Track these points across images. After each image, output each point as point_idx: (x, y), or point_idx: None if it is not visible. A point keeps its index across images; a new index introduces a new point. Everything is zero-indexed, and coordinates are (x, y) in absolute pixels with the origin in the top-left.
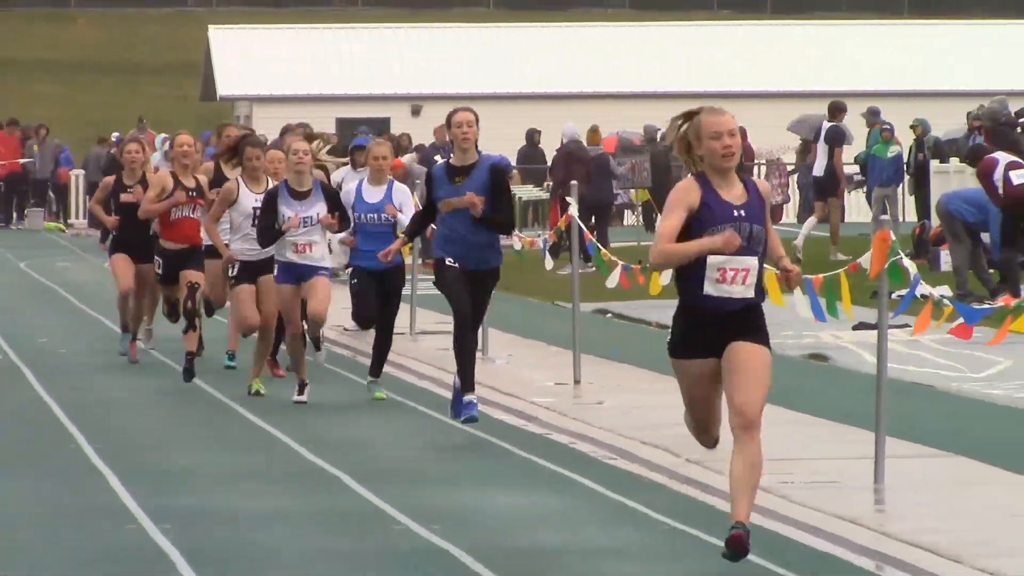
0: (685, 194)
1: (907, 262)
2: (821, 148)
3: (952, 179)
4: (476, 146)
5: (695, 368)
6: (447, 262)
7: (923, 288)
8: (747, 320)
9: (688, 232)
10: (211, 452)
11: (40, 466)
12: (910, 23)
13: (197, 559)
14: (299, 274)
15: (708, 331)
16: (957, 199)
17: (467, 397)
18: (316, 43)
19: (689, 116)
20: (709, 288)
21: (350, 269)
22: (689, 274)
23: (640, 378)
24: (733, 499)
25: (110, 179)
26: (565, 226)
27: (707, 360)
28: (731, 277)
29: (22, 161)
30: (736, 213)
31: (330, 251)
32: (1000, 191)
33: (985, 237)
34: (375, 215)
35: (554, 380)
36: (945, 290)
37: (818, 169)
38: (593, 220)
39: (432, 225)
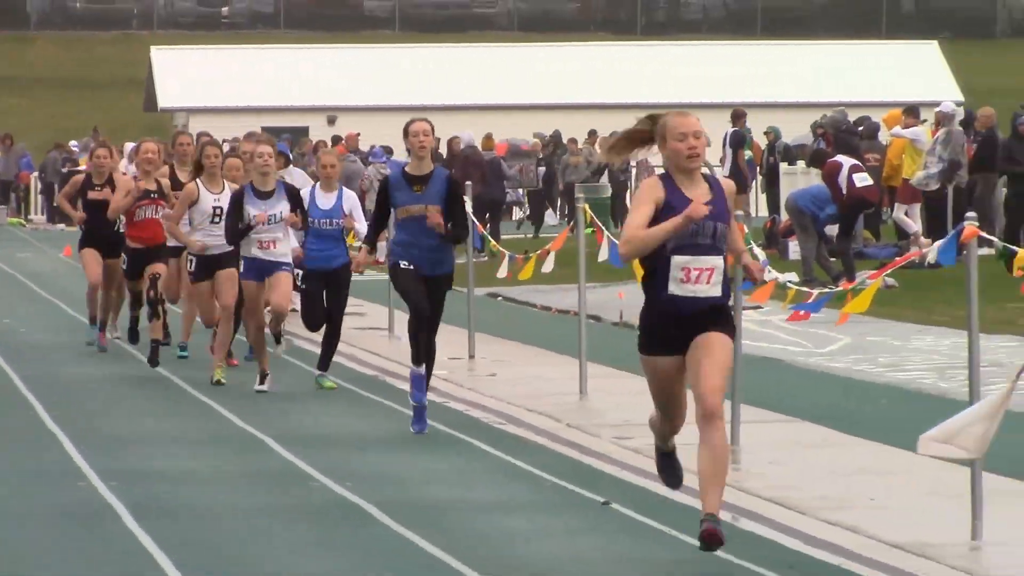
0: (651, 191)
1: (759, 251)
2: (727, 151)
3: (799, 179)
4: (431, 155)
5: (662, 364)
6: (402, 265)
7: (772, 273)
8: (713, 318)
9: None
10: (157, 419)
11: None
12: (763, 43)
13: (141, 512)
14: (263, 269)
15: (674, 330)
16: (805, 196)
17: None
18: (244, 62)
19: (653, 120)
20: (674, 288)
21: (300, 273)
22: (654, 274)
23: (527, 353)
24: (702, 492)
25: (79, 177)
26: None
27: (674, 357)
28: (695, 276)
29: None
30: None
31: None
32: (844, 191)
33: (832, 229)
34: (327, 220)
35: (450, 355)
36: (792, 276)
37: (725, 170)
38: (487, 216)
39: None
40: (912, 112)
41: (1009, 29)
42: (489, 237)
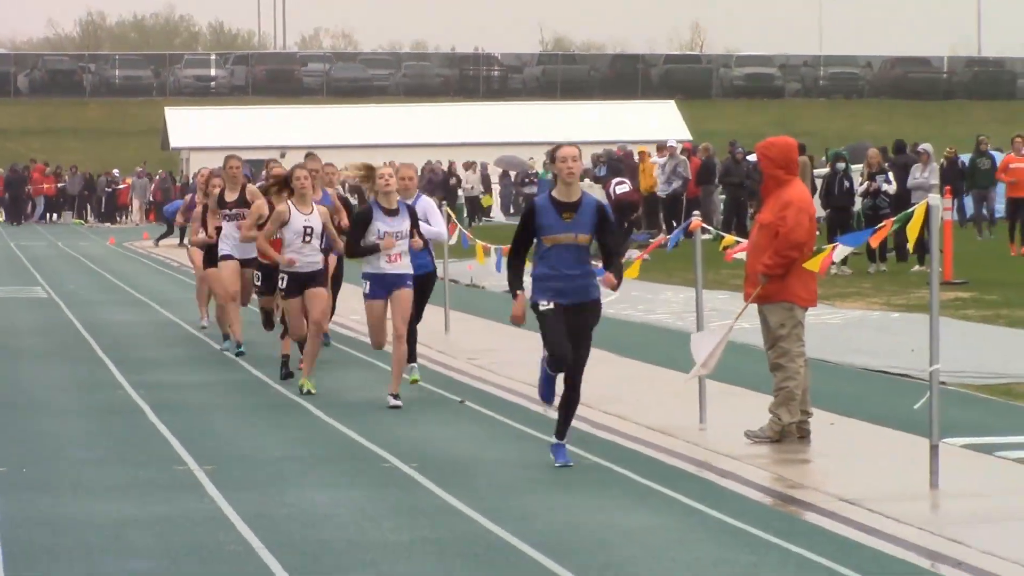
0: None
1: None
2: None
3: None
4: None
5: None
6: (542, 306)
7: None
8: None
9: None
10: (173, 349)
11: (64, 356)
12: (561, 103)
13: (160, 410)
14: (389, 284)
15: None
16: None
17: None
18: (226, 116)
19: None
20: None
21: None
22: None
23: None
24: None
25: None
26: None
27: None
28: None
29: (59, 185)
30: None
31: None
32: (613, 197)
33: None
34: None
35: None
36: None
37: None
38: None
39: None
40: (661, 147)
41: (721, 92)
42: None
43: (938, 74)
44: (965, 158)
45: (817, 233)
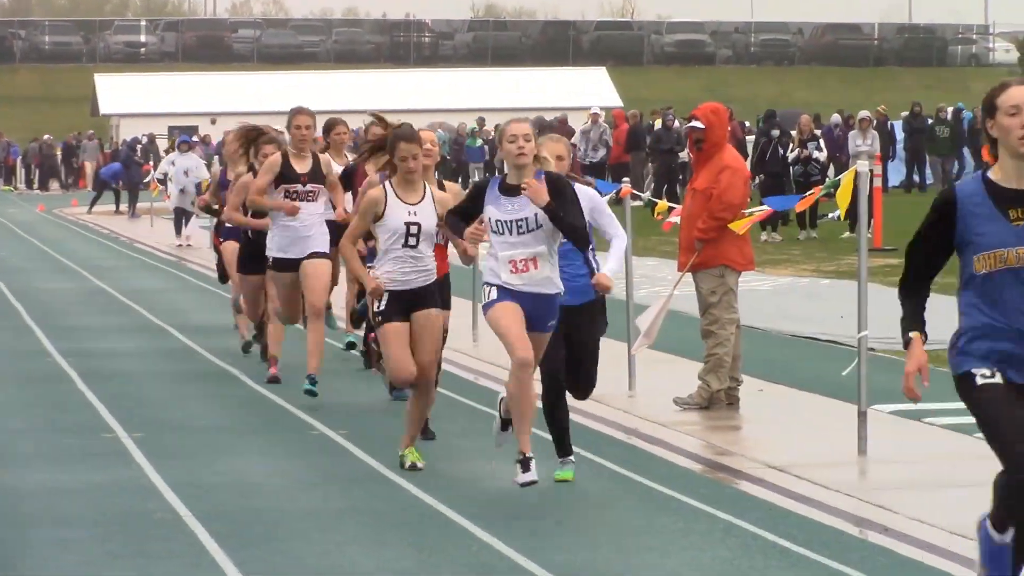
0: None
1: None
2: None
3: None
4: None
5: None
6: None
7: None
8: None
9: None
10: (104, 318)
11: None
12: (494, 69)
13: (88, 378)
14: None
15: None
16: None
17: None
18: (156, 83)
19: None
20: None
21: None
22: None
23: None
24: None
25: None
26: None
27: None
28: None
29: None
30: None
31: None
32: None
33: None
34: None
35: None
36: None
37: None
38: None
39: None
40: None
41: (652, 59)
42: None
43: (869, 41)
44: (897, 125)
45: (749, 199)
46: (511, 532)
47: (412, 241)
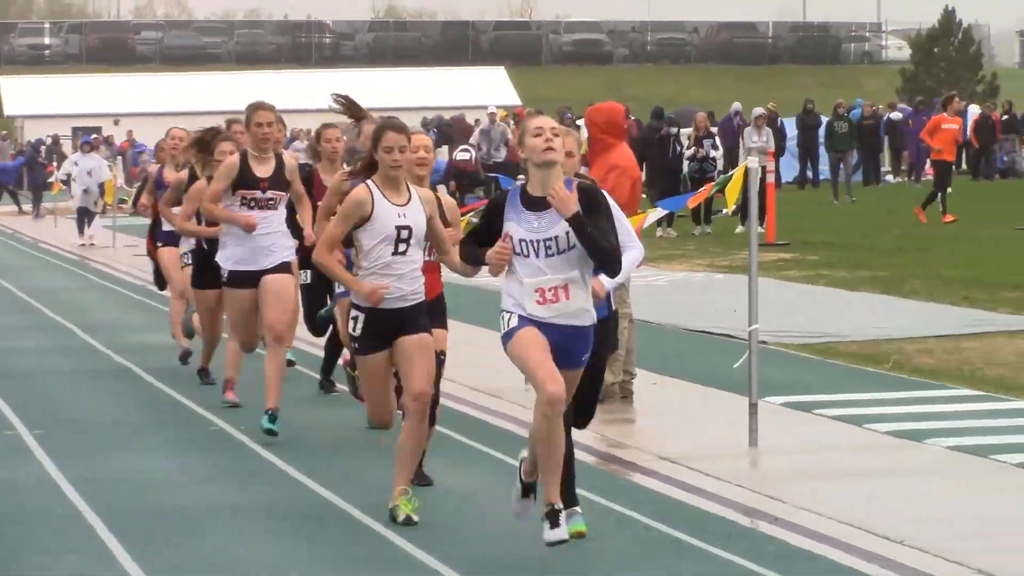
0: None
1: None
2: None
3: None
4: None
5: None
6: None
7: None
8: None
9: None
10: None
11: None
12: (393, 70)
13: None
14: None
15: None
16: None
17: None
18: (60, 84)
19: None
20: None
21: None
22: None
23: None
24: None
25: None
26: None
27: None
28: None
29: None
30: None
31: None
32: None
33: None
34: None
35: None
36: None
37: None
38: None
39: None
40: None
41: (551, 58)
42: None
43: (763, 39)
44: (789, 122)
45: (643, 196)
46: (406, 528)
47: (402, 247)
